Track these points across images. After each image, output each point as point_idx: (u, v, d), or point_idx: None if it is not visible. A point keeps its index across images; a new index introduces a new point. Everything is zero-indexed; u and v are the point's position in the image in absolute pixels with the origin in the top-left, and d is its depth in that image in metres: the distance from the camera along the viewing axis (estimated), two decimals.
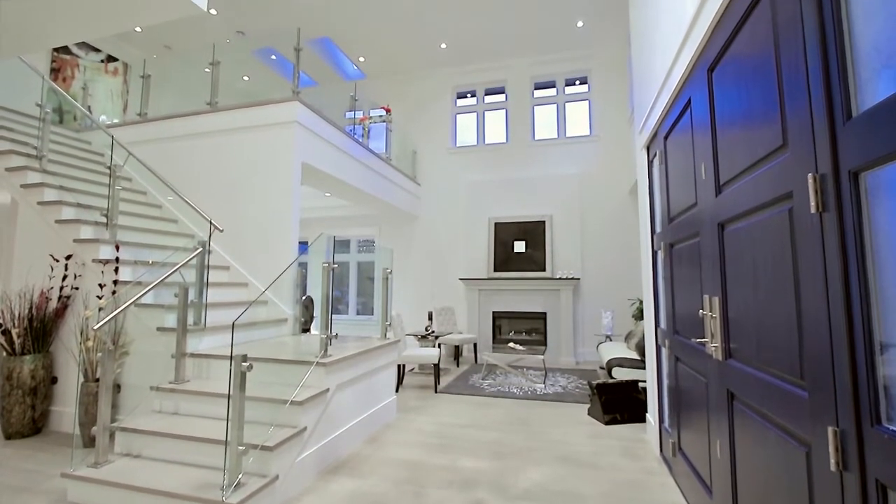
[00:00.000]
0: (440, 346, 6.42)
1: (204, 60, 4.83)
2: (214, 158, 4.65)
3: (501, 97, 7.86)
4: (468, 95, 8.05)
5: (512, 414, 4.05)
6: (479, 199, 7.54)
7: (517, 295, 7.07)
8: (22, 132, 4.30)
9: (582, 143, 7.25)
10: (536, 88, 7.70)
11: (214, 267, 4.23)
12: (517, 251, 7.16)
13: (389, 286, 4.33)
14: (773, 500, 1.43)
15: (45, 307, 3.46)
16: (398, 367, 5.05)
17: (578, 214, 7.05)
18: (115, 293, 3.35)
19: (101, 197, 4.06)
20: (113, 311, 2.65)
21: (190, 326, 3.25)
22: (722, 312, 1.82)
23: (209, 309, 3.59)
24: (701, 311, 2.05)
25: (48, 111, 4.16)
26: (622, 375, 4.33)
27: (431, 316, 6.37)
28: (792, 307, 1.29)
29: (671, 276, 2.68)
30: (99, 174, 4.55)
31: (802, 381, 1.25)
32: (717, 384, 1.91)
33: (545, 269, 6.95)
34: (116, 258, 3.50)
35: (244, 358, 2.29)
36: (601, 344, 5.74)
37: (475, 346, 6.77)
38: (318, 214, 8.13)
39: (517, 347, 5.52)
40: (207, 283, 3.47)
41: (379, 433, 3.53)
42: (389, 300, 4.31)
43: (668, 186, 2.72)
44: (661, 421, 3.10)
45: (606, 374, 4.46)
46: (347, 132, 5.43)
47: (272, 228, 4.37)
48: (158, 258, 3.83)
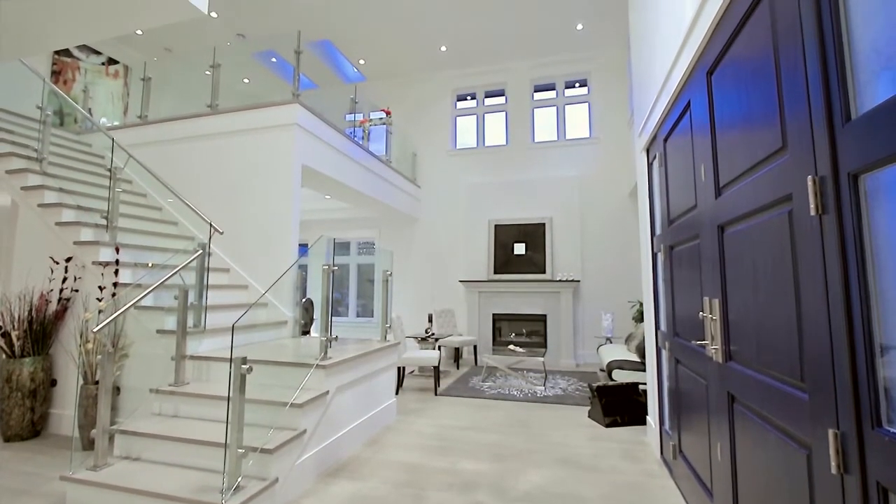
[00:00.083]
0: (440, 348, 6.42)
1: (204, 63, 4.84)
2: (215, 161, 4.65)
3: (501, 99, 7.87)
4: (468, 98, 8.06)
5: (512, 416, 4.04)
6: (479, 201, 7.54)
7: (517, 297, 7.06)
8: (22, 135, 4.30)
9: (582, 145, 7.26)
10: (536, 91, 7.71)
11: (214, 269, 4.24)
12: (517, 253, 7.15)
13: (389, 288, 4.33)
14: (773, 502, 1.43)
15: (44, 309, 3.46)
16: (398, 369, 5.04)
17: (578, 217, 7.05)
18: (114, 295, 3.35)
19: (101, 199, 4.07)
20: (113, 313, 2.64)
21: (190, 329, 3.24)
22: (722, 315, 1.82)
23: (209, 311, 3.58)
24: (701, 313, 2.05)
25: (49, 114, 4.17)
26: (622, 378, 4.32)
27: (431, 318, 6.37)
28: (792, 309, 1.29)
29: (671, 278, 2.68)
30: (99, 176, 4.56)
31: (803, 383, 1.25)
32: (717, 386, 1.91)
33: (545, 271, 6.95)
34: (116, 260, 3.49)
35: (244, 360, 2.29)
36: (601, 346, 5.73)
37: (475, 348, 6.77)
38: (318, 217, 8.14)
39: (517, 350, 5.52)
40: (207, 285, 3.47)
41: (379, 435, 3.52)
42: (389, 302, 4.31)
43: (667, 189, 2.72)
44: (661, 423, 3.10)
45: (607, 376, 4.45)
46: (347, 135, 5.44)
47: (272, 231, 4.37)
48: (158, 260, 3.83)
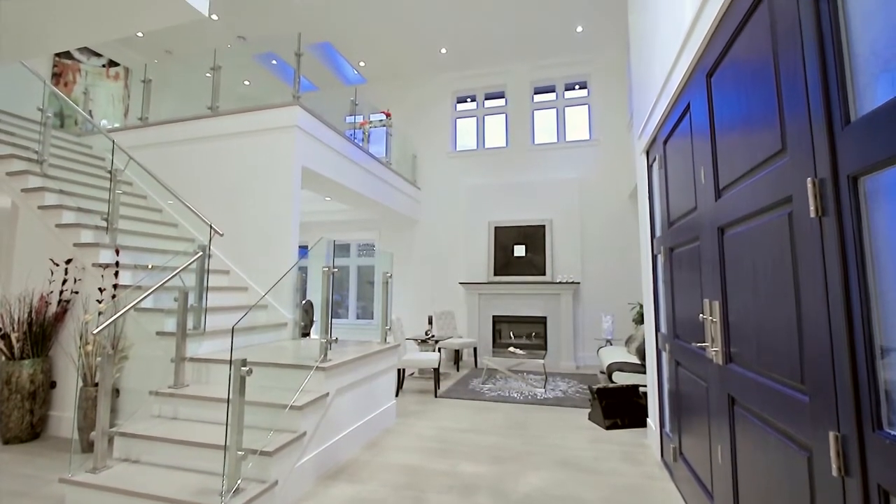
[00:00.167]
0: (440, 350, 6.41)
1: (205, 65, 4.85)
2: (215, 162, 4.66)
3: (501, 101, 7.88)
4: (468, 100, 8.07)
5: (512, 418, 4.03)
6: (479, 203, 7.55)
7: (517, 299, 7.06)
8: (23, 136, 4.31)
9: (581, 147, 7.27)
10: (536, 93, 7.72)
11: (214, 271, 4.23)
12: (517, 255, 7.15)
13: (389, 290, 4.33)
14: None
15: (44, 311, 3.46)
16: (398, 371, 5.03)
17: (578, 218, 7.05)
18: (114, 297, 3.35)
19: (101, 201, 4.07)
20: (112, 315, 2.64)
21: (189, 331, 3.24)
22: (722, 316, 1.82)
23: (209, 313, 3.58)
24: (701, 315, 2.05)
25: (49, 115, 4.18)
26: (623, 380, 4.32)
27: (431, 320, 6.36)
28: (792, 311, 1.29)
29: (671, 280, 2.68)
30: (99, 178, 4.56)
31: (803, 385, 1.24)
32: (717, 389, 1.91)
33: (545, 273, 6.95)
34: (116, 262, 3.49)
35: (244, 362, 2.28)
36: (601, 348, 5.72)
37: (475, 350, 6.76)
38: (318, 218, 8.14)
39: (517, 352, 5.51)
40: (207, 287, 3.47)
41: (378, 438, 3.51)
42: (389, 304, 4.31)
43: (667, 191, 2.72)
44: (661, 425, 3.09)
45: (607, 378, 4.45)
46: (348, 136, 5.45)
47: (272, 232, 4.37)
48: (158, 262, 3.83)
